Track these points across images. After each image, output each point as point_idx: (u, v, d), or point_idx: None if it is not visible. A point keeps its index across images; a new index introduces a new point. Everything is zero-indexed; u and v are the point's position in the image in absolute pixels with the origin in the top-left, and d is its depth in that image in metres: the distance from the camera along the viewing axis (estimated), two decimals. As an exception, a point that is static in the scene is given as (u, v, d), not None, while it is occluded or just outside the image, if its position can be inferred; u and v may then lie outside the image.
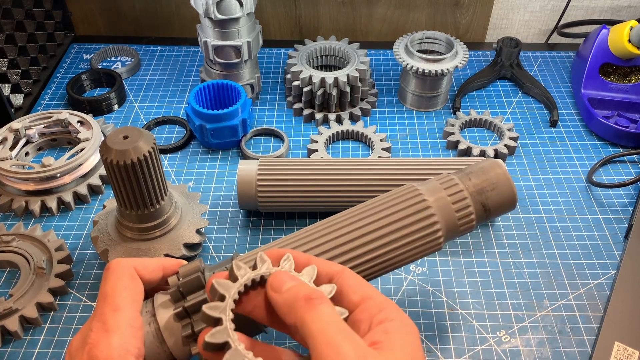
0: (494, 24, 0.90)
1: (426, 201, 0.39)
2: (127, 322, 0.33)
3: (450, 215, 0.39)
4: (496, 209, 0.41)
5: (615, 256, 0.57)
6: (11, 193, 0.60)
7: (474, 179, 0.41)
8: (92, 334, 0.33)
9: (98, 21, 0.90)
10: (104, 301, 0.34)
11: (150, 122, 0.72)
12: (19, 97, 0.74)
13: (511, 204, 0.41)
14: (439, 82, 0.72)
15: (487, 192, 0.40)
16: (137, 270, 0.36)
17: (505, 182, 0.41)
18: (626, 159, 0.68)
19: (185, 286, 0.35)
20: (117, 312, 0.33)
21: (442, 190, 0.40)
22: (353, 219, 0.39)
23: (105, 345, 0.32)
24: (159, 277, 0.37)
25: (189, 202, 0.56)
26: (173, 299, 0.35)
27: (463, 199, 0.40)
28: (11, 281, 0.54)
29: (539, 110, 0.75)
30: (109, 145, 0.45)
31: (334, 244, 0.38)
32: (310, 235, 0.38)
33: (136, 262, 0.37)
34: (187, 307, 0.34)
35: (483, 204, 0.40)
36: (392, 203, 0.39)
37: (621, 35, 0.70)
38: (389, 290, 0.53)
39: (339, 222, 0.39)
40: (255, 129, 0.70)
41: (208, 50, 0.68)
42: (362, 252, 0.38)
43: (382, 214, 0.38)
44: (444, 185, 0.40)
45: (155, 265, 0.38)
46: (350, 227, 0.38)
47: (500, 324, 0.51)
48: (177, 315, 0.35)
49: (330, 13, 0.88)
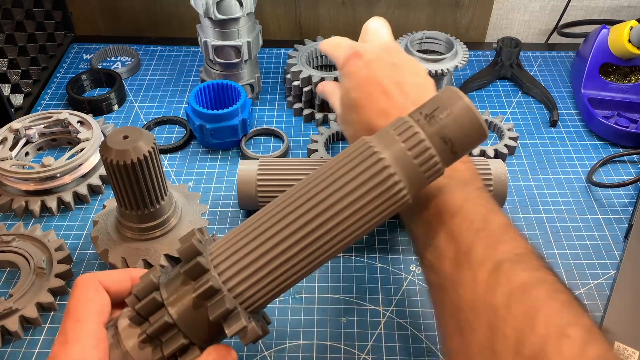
0: (494, 24, 0.90)
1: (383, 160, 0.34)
2: (89, 334, 0.33)
3: (411, 166, 0.34)
4: (459, 139, 0.34)
5: (615, 256, 0.57)
6: (11, 193, 0.60)
7: (425, 111, 0.35)
8: (54, 347, 0.33)
9: (98, 21, 0.90)
10: (67, 315, 0.34)
11: (150, 122, 0.72)
12: (19, 97, 0.74)
13: (475, 129, 0.34)
14: (439, 82, 0.72)
15: (441, 120, 0.34)
16: (101, 282, 0.36)
17: (459, 103, 0.34)
18: (626, 159, 0.68)
19: (140, 291, 0.34)
20: (77, 324, 0.33)
21: (397, 139, 0.34)
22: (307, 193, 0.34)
23: (62, 356, 0.32)
24: (128, 287, 0.37)
25: (189, 202, 0.56)
26: (131, 305, 0.34)
27: (419, 141, 0.34)
28: (11, 281, 0.54)
29: (539, 110, 0.75)
30: (109, 145, 0.45)
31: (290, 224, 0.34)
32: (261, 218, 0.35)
33: (100, 275, 0.36)
34: (139, 310, 0.33)
35: (442, 137, 0.34)
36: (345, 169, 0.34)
37: (621, 35, 0.70)
38: (389, 290, 0.53)
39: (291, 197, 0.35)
40: (255, 129, 0.70)
41: (208, 50, 0.68)
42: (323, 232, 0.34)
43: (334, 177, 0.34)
44: (395, 130, 0.34)
45: (120, 276, 0.37)
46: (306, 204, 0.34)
47: (500, 324, 0.51)
48: (133, 321, 0.34)
49: (330, 13, 0.88)
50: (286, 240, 0.34)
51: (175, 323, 0.33)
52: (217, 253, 0.34)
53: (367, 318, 0.51)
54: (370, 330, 0.50)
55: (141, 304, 0.33)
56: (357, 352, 0.49)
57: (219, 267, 0.34)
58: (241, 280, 0.33)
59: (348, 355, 0.49)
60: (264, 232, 0.34)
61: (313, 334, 0.50)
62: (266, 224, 0.34)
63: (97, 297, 0.35)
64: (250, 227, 0.35)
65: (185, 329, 0.33)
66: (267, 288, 0.34)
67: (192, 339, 0.33)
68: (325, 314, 0.52)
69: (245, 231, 0.35)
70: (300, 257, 0.34)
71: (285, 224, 0.34)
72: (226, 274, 0.33)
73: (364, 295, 0.53)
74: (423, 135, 0.34)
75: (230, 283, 0.33)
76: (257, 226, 0.34)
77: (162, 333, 0.33)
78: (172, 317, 0.33)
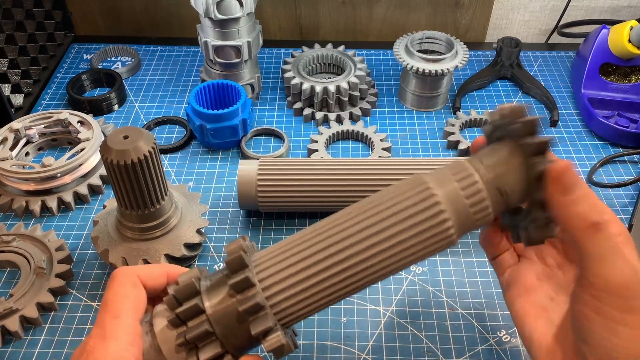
0: (494, 24, 0.90)
1: (435, 196, 0.34)
2: (126, 330, 0.33)
3: (463, 208, 0.34)
4: (514, 193, 0.35)
5: (615, 256, 0.57)
6: (11, 193, 0.60)
7: (485, 160, 0.35)
8: (91, 340, 0.33)
9: (98, 21, 0.90)
10: (105, 309, 0.34)
11: (150, 122, 0.72)
12: (19, 97, 0.74)
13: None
14: (439, 82, 0.72)
15: (500, 173, 0.35)
16: (140, 278, 0.36)
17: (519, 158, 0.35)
18: (626, 159, 0.68)
19: (179, 292, 0.34)
20: (116, 320, 0.33)
21: (452, 178, 0.35)
22: (356, 218, 0.35)
23: (102, 352, 0.32)
24: (163, 284, 0.37)
25: (189, 202, 0.56)
26: (169, 306, 0.35)
27: (473, 184, 0.34)
28: (11, 281, 0.54)
29: (539, 110, 0.75)
30: (109, 145, 0.45)
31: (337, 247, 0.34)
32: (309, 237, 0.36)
33: (140, 270, 0.37)
34: (179, 314, 0.34)
35: (498, 187, 0.35)
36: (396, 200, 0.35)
37: (621, 35, 0.70)
38: (389, 290, 0.53)
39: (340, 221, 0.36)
40: (255, 129, 0.70)
41: (208, 50, 0.68)
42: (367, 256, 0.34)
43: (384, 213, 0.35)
44: (452, 171, 0.36)
45: (159, 272, 0.37)
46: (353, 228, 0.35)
47: (501, 324, 0.51)
48: (172, 323, 0.34)
49: (330, 13, 0.88)
50: (331, 261, 0.34)
51: (214, 332, 0.33)
52: (263, 267, 0.35)
53: (367, 318, 0.51)
54: (370, 330, 0.50)
55: (182, 308, 0.34)
56: (357, 352, 0.49)
57: (263, 282, 0.34)
58: (284, 298, 0.34)
59: (348, 355, 0.49)
60: (310, 250, 0.35)
61: (313, 334, 0.50)
62: (313, 242, 0.35)
63: (135, 293, 0.35)
64: (296, 243, 0.35)
65: (223, 338, 0.34)
66: (306, 307, 0.35)
67: (227, 348, 0.34)
68: (325, 314, 0.52)
69: (291, 247, 0.35)
70: (341, 278, 0.34)
71: (331, 245, 0.34)
72: (270, 291, 0.34)
73: (364, 295, 0.53)
74: (477, 178, 0.35)
75: (273, 300, 0.34)
76: (303, 243, 0.35)
77: (199, 339, 0.34)
78: (213, 326, 0.33)
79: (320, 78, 0.76)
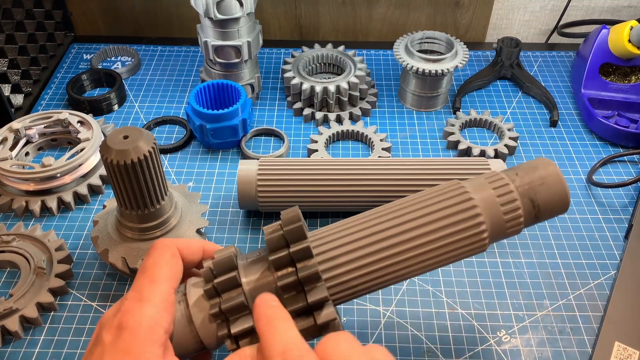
0: (494, 24, 0.90)
1: (472, 200, 0.37)
2: (162, 296, 0.34)
3: (497, 214, 0.37)
4: (546, 206, 0.38)
5: (615, 256, 0.57)
6: (11, 193, 0.60)
7: (521, 173, 0.38)
8: (127, 302, 0.33)
9: (98, 21, 0.90)
10: (143, 274, 0.35)
11: (150, 122, 0.72)
12: (19, 97, 0.74)
13: (562, 202, 0.38)
14: (439, 82, 0.72)
15: (535, 186, 0.37)
16: (179, 249, 0.37)
17: (555, 177, 0.38)
18: (626, 159, 0.68)
19: (217, 266, 0.35)
20: (153, 284, 0.34)
21: (488, 185, 0.37)
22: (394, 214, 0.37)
23: (137, 313, 0.32)
24: (199, 258, 0.38)
25: (189, 202, 0.56)
26: (205, 278, 0.36)
27: (509, 192, 0.37)
28: (11, 281, 0.54)
29: (539, 110, 0.75)
30: (109, 145, 0.45)
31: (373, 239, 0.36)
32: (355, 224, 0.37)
33: (179, 242, 0.38)
34: (216, 285, 0.35)
35: (531, 199, 0.37)
36: (436, 200, 0.37)
37: (621, 35, 0.70)
38: (389, 290, 0.53)
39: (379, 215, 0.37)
40: (255, 129, 0.70)
41: (208, 50, 0.68)
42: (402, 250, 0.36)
43: (424, 210, 0.37)
44: (489, 179, 0.38)
45: (197, 246, 0.39)
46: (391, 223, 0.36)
47: (500, 324, 0.51)
48: (207, 294, 0.35)
49: (330, 13, 0.88)
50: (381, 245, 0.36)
51: (248, 305, 0.34)
52: (316, 244, 0.36)
53: (367, 318, 0.51)
54: (370, 330, 0.50)
55: (220, 280, 0.35)
56: (357, 352, 0.49)
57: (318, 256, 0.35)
58: (337, 274, 0.35)
59: (348, 355, 0.49)
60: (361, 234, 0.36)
61: (313, 334, 0.50)
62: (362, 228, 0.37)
63: (173, 262, 0.36)
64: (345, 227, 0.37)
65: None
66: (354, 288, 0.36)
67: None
68: (325, 314, 0.51)
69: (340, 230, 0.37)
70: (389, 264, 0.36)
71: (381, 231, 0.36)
72: (324, 265, 0.35)
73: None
74: (513, 188, 0.37)
75: (327, 275, 0.35)
76: (351, 228, 0.37)
77: (233, 311, 0.34)
78: (248, 300, 0.34)
79: (320, 78, 0.76)
